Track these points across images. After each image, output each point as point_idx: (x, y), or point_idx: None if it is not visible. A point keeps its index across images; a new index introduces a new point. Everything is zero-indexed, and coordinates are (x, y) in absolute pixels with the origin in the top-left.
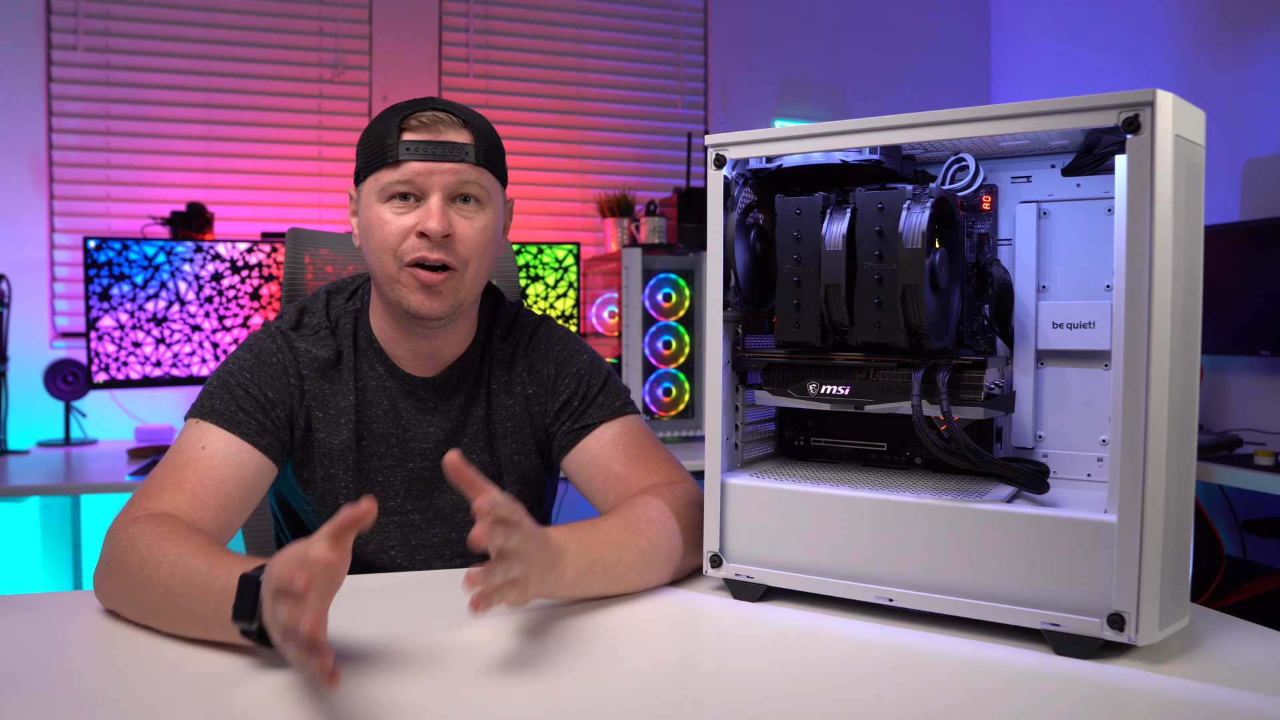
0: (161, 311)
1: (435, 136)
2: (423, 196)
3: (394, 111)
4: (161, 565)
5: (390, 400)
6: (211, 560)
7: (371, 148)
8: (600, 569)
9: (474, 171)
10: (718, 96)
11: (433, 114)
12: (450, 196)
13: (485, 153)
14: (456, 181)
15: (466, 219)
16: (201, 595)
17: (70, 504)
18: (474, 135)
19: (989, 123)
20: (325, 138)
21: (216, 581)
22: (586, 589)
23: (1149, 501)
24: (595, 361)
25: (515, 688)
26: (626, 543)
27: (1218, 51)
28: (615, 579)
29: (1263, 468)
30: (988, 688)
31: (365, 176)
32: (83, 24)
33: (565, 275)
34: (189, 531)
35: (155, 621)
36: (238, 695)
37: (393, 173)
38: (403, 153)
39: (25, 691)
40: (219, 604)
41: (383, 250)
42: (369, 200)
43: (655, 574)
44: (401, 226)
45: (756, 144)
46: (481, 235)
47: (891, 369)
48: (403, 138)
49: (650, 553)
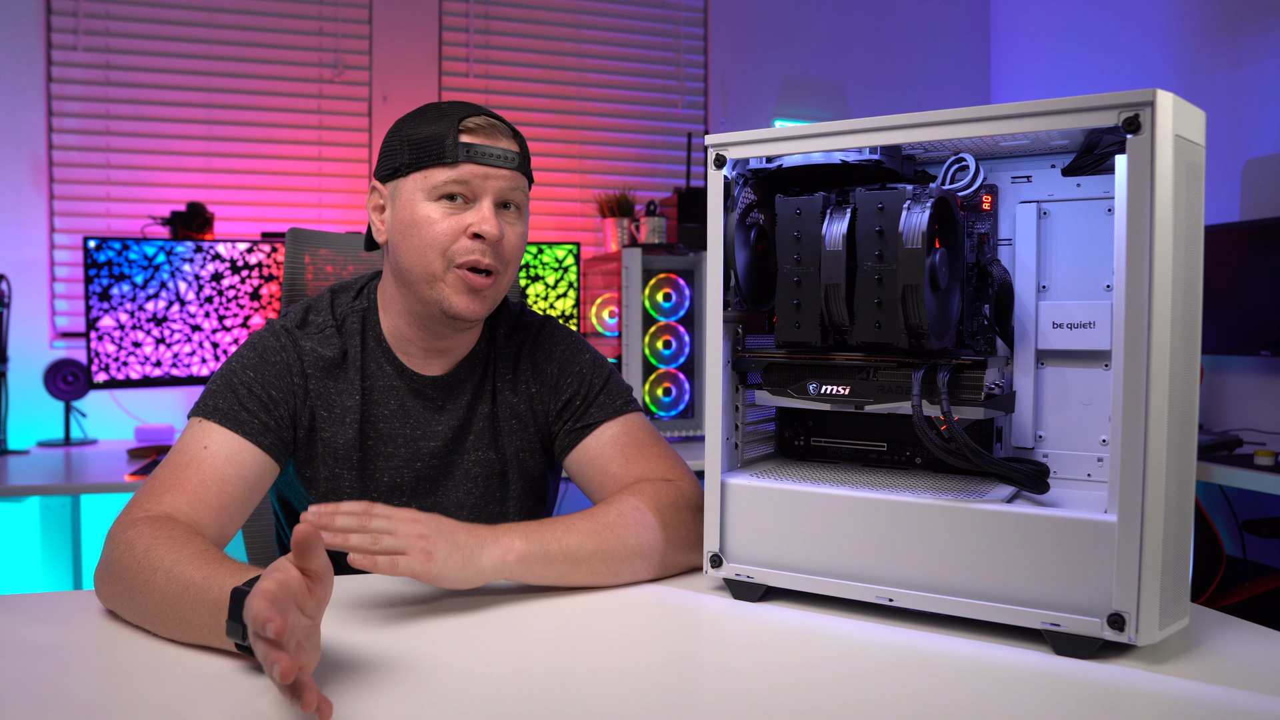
0: (161, 311)
1: (492, 142)
2: (473, 199)
3: (441, 112)
4: (157, 572)
5: (398, 399)
6: (206, 569)
7: (421, 145)
8: (560, 553)
9: (520, 179)
10: (718, 96)
11: (486, 119)
12: (497, 202)
13: (525, 161)
14: (507, 188)
15: (510, 225)
16: (196, 606)
17: (70, 504)
18: (518, 144)
19: (989, 123)
20: (325, 138)
21: (210, 593)
22: (548, 571)
23: (1149, 501)
24: (598, 361)
25: (515, 687)
26: (588, 531)
27: (1218, 51)
28: (579, 563)
29: (1263, 468)
30: (988, 688)
31: (409, 173)
32: (83, 24)
33: (565, 275)
34: (186, 536)
35: (151, 626)
36: (238, 695)
37: (448, 172)
38: (461, 155)
39: (25, 691)
40: (213, 615)
41: (429, 248)
42: (413, 197)
43: (628, 568)
44: (452, 227)
45: (756, 144)
46: (521, 242)
47: (891, 369)
48: (461, 139)
49: (617, 546)
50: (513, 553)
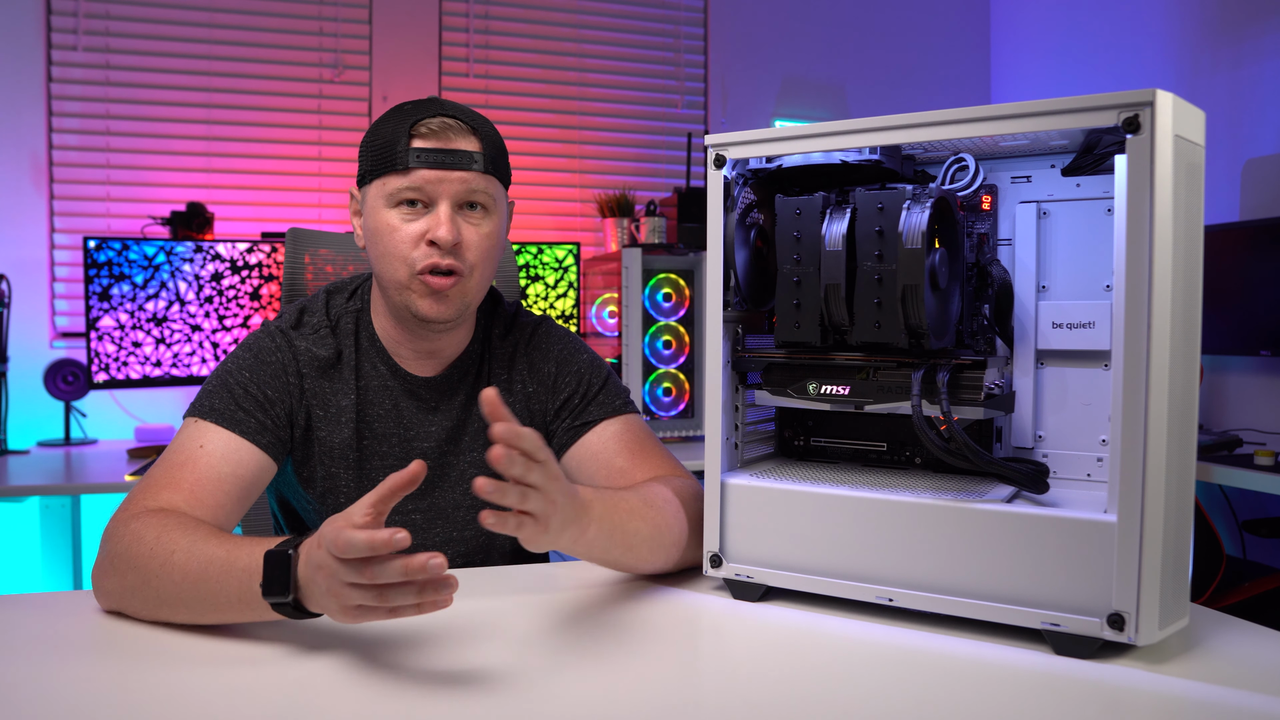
0: (161, 311)
1: (444, 144)
2: (431, 203)
3: (401, 115)
4: (175, 553)
5: (392, 400)
6: (226, 545)
7: (378, 152)
8: (620, 535)
9: (481, 180)
10: (718, 96)
11: (441, 120)
12: (458, 204)
13: (492, 159)
14: (465, 190)
15: (473, 225)
16: (223, 578)
17: (70, 504)
18: (481, 142)
19: (989, 123)
20: (325, 138)
21: (237, 563)
22: (604, 553)
23: (1149, 501)
24: (595, 361)
25: (515, 687)
26: (645, 516)
27: (1218, 51)
28: (631, 549)
29: (1263, 468)
30: (988, 688)
31: (371, 180)
32: (83, 24)
33: (565, 275)
34: (195, 522)
35: (169, 610)
36: (238, 695)
37: (401, 179)
38: (412, 160)
39: (25, 691)
40: (243, 584)
41: (392, 257)
42: (375, 204)
43: (664, 556)
44: (411, 234)
45: (756, 144)
46: (487, 241)
47: (891, 369)
48: (412, 144)
49: (666, 531)
50: (585, 535)
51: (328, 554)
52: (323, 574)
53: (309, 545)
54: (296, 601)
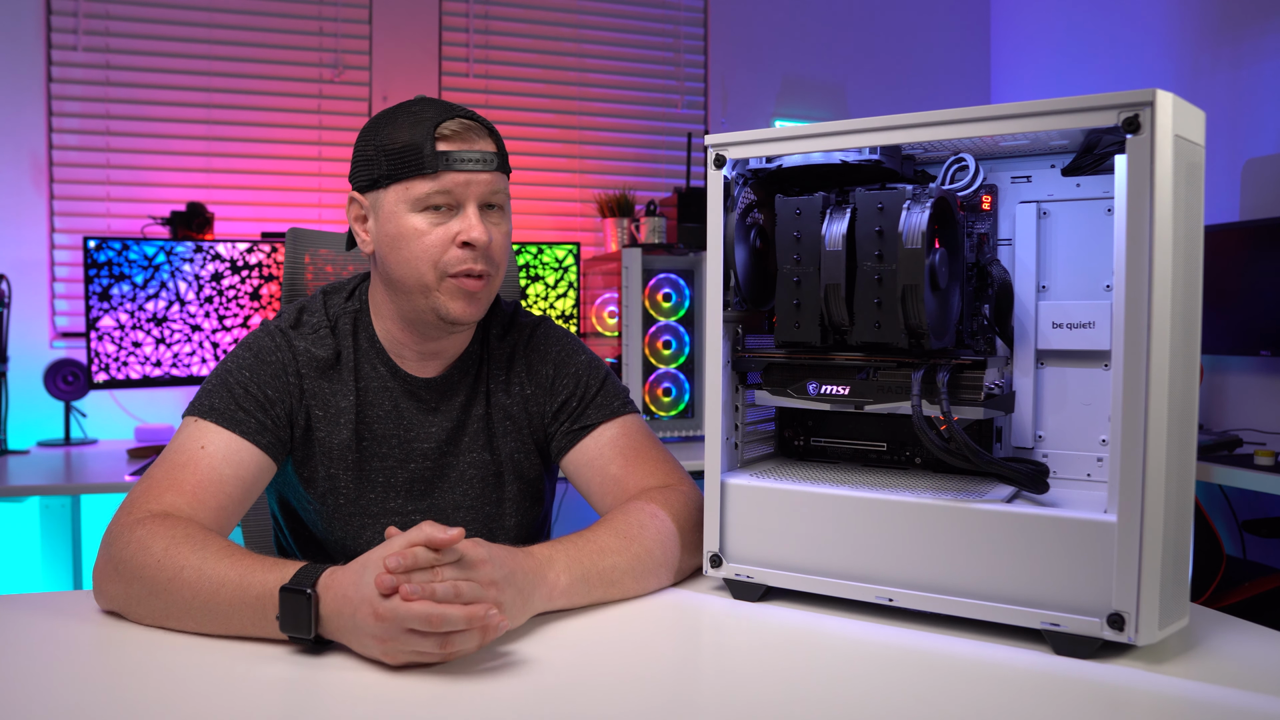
0: (161, 311)
1: (470, 146)
2: (456, 206)
3: (414, 118)
4: (184, 569)
5: (392, 400)
6: (239, 566)
7: (397, 156)
8: (597, 576)
9: (500, 180)
10: (718, 96)
11: (460, 122)
12: (481, 205)
13: (503, 159)
14: (489, 191)
15: (495, 226)
16: (234, 602)
17: (70, 504)
18: (495, 142)
19: (989, 123)
20: (325, 138)
21: (250, 590)
22: (585, 597)
23: (1149, 501)
24: (593, 362)
25: (515, 688)
26: (619, 549)
27: (1218, 51)
28: (613, 585)
29: (1263, 468)
30: (988, 688)
31: (389, 184)
32: (83, 24)
33: (565, 275)
34: (204, 534)
35: (175, 622)
36: (238, 695)
37: (429, 183)
38: (441, 164)
39: (25, 691)
40: (257, 611)
41: (420, 260)
42: (396, 210)
43: (654, 579)
44: (440, 237)
45: (756, 144)
46: (507, 240)
47: (891, 369)
48: (439, 147)
49: (645, 558)
50: (557, 589)
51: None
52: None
53: (337, 585)
54: (318, 637)
